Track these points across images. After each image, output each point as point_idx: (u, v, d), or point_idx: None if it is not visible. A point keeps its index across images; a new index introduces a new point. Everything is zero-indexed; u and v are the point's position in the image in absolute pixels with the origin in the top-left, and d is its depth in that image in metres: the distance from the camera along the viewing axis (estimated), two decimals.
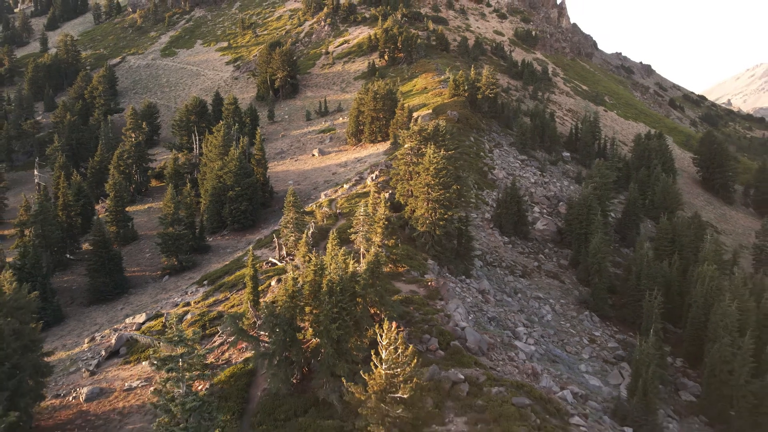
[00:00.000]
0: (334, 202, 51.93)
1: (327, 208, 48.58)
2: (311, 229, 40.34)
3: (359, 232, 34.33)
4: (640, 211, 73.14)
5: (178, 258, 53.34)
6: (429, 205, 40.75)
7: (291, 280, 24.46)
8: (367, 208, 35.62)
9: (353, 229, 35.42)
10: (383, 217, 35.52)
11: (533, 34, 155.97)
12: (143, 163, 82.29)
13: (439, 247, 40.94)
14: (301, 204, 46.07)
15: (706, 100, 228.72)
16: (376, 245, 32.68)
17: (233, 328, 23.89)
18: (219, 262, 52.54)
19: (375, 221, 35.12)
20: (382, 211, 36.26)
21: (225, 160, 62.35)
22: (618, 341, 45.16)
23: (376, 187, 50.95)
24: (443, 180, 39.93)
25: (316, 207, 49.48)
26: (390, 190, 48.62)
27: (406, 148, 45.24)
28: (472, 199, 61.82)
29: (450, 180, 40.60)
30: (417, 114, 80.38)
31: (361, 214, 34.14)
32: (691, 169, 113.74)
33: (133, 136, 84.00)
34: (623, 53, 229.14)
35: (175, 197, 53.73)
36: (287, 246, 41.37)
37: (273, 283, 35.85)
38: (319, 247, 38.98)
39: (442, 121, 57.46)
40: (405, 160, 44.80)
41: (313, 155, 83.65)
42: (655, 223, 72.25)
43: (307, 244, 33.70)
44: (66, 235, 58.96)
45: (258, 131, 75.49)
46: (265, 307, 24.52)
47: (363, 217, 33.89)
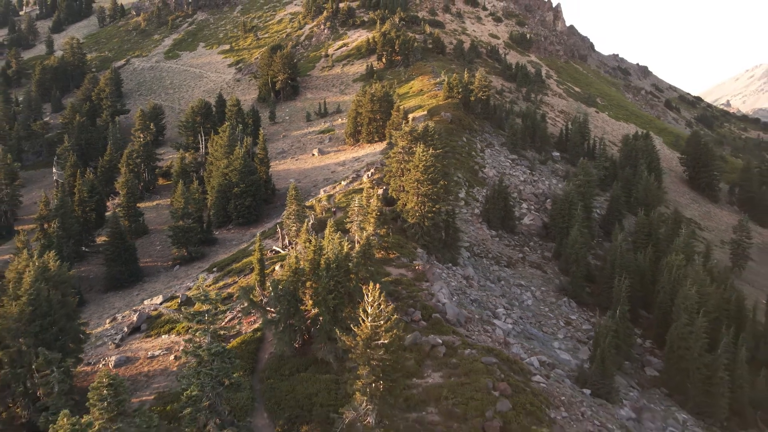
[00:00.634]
0: (332, 197, 56.05)
1: (326, 203, 52.66)
2: (311, 221, 44.44)
3: (354, 222, 38.42)
4: (623, 208, 77.27)
5: (188, 249, 57.51)
6: (419, 199, 44.83)
7: (294, 259, 28.57)
8: (361, 201, 39.69)
9: (349, 219, 39.52)
10: (376, 208, 39.60)
11: (528, 37, 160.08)
12: (151, 162, 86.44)
13: (427, 237, 45.01)
14: (303, 199, 50.18)
15: (702, 101, 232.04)
16: (369, 233, 36.76)
17: (245, 298, 27.97)
18: (225, 253, 56.64)
19: (368, 212, 39.21)
20: (375, 203, 40.33)
21: (230, 158, 66.48)
22: (592, 324, 49.20)
23: (372, 183, 55.02)
24: (431, 176, 44.00)
25: (315, 202, 53.58)
26: (384, 186, 52.71)
27: (398, 147, 49.33)
28: (461, 195, 66.13)
29: (438, 176, 44.69)
30: (412, 115, 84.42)
31: (356, 205, 38.22)
32: (679, 169, 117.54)
33: (142, 136, 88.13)
34: (621, 55, 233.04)
35: (185, 193, 57.83)
36: (289, 236, 45.46)
37: (277, 268, 39.91)
38: (318, 237, 43.11)
39: (431, 123, 61.55)
40: (397, 158, 48.89)
41: (312, 155, 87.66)
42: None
43: (307, 232, 37.79)
44: (82, 228, 63.07)
45: (261, 131, 79.57)
46: (271, 283, 28.61)
47: (357, 209, 37.98)
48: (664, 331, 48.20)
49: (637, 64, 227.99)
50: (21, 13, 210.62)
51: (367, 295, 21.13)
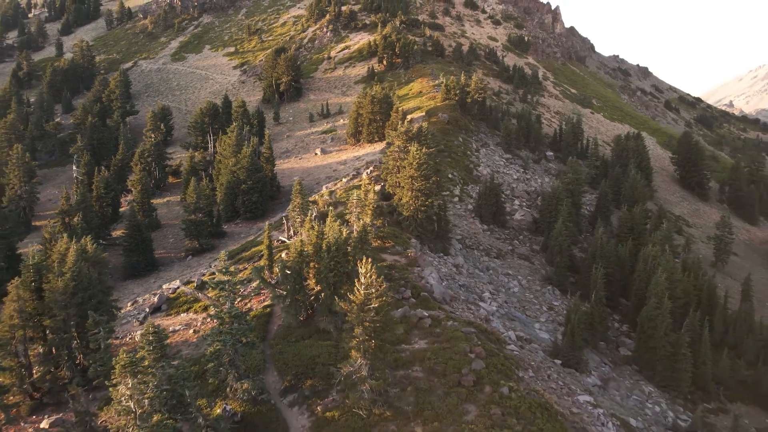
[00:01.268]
0: (333, 193, 60.29)
1: (328, 198, 56.88)
2: (314, 213, 48.64)
3: (353, 213, 42.61)
4: (611, 204, 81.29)
5: (199, 241, 61.87)
6: (413, 193, 48.98)
7: (299, 242, 32.79)
8: (359, 195, 43.88)
9: (348, 211, 43.70)
10: (372, 201, 43.76)
11: (525, 39, 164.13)
12: (162, 161, 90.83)
13: (421, 229, 49.17)
14: (307, 194, 54.41)
15: (702, 101, 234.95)
16: (366, 222, 40.95)
17: (257, 277, 32.19)
18: (234, 245, 60.88)
19: (366, 204, 43.38)
20: (372, 196, 44.49)
21: (238, 157, 70.80)
22: None
23: (370, 179, 59.21)
24: (424, 172, 48.16)
25: (318, 197, 57.81)
26: (382, 183, 56.89)
27: (394, 146, 53.51)
28: (456, 192, 70.32)
29: (430, 173, 48.85)
30: (411, 116, 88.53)
31: (355, 198, 42.40)
32: (671, 168, 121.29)
33: (153, 136, 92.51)
34: (624, 56, 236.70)
35: (197, 188, 62.17)
36: (294, 227, 49.66)
37: (283, 255, 44.07)
38: (321, 225, 47.33)
39: (425, 124, 65.72)
40: (393, 156, 53.08)
41: (315, 154, 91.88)
42: None
43: (311, 222, 41.96)
44: (100, 222, 67.44)
45: (267, 132, 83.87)
46: (279, 264, 32.81)
47: (356, 201, 42.17)
48: (639, 315, 52.35)
49: (638, 65, 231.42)
50: (30, 15, 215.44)
51: (360, 269, 25.27)
